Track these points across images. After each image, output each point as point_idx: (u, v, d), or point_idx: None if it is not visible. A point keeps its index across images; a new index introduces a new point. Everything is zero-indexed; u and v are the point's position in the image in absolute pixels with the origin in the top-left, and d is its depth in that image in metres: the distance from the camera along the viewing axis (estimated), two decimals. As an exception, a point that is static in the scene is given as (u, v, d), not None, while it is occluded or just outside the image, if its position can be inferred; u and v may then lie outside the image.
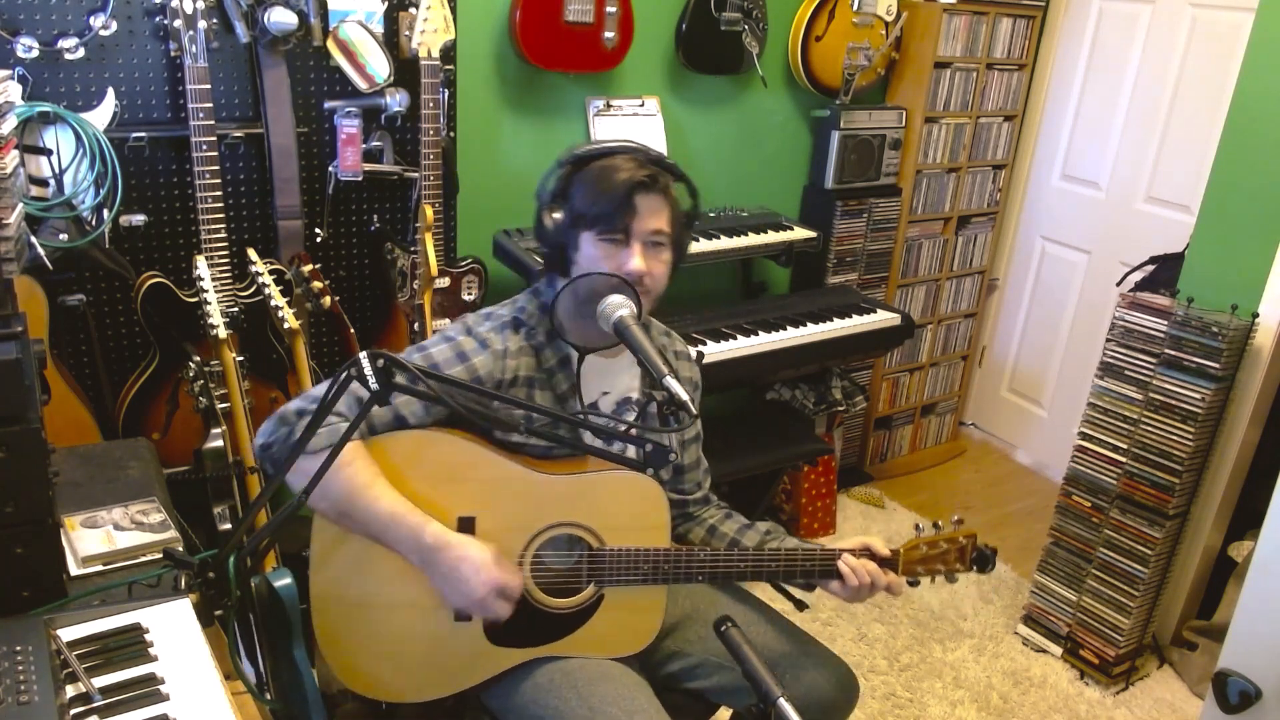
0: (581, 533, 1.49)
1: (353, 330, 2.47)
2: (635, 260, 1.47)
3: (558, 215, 1.52)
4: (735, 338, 2.76)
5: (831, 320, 2.96)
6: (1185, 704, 2.61)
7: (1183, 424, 2.42)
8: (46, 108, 2.01)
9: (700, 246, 2.81)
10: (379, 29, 2.35)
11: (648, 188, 1.47)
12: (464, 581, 1.38)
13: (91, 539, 1.51)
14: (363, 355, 1.20)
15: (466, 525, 1.45)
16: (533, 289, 1.60)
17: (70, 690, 1.11)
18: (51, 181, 2.04)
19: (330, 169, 2.43)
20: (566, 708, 1.43)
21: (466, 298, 2.57)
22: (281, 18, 2.18)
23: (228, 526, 2.14)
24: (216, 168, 2.13)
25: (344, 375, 1.21)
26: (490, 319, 1.55)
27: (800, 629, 1.68)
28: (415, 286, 2.44)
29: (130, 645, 1.21)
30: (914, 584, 1.62)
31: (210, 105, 2.08)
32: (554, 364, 1.53)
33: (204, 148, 2.10)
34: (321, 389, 1.43)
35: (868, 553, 1.56)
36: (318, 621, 1.45)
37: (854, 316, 3.01)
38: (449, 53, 2.45)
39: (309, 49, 2.32)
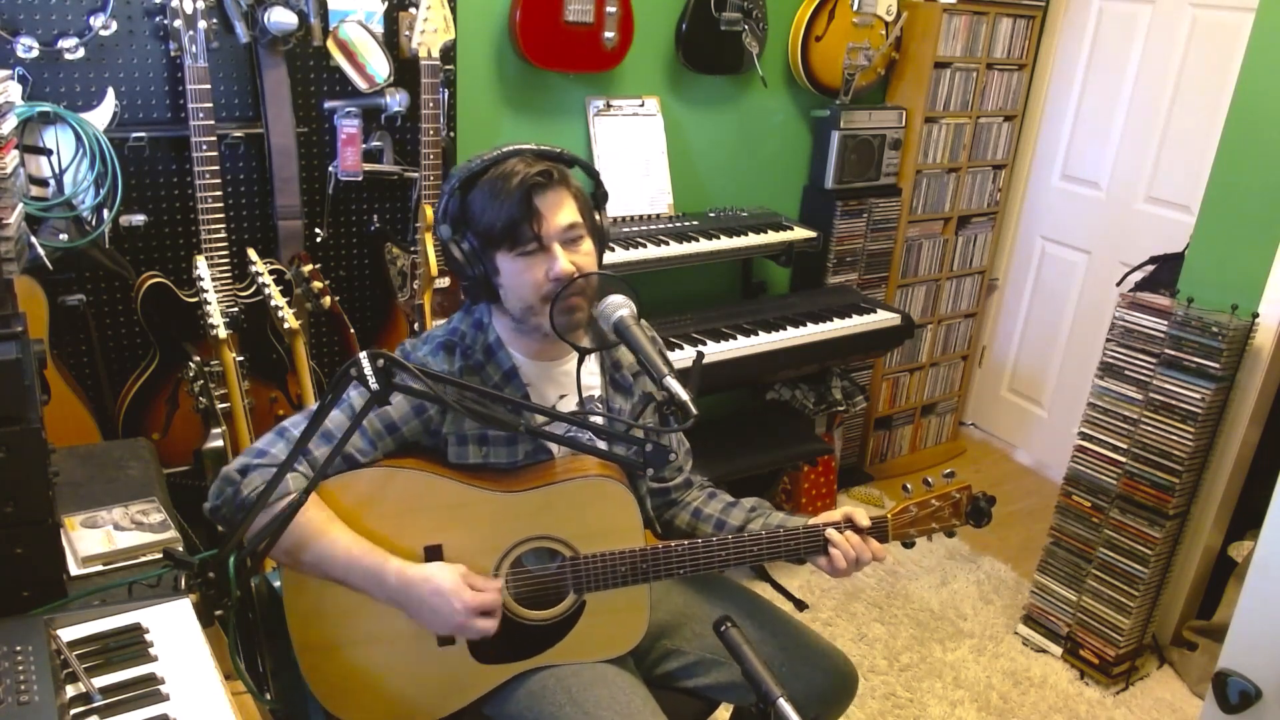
0: (554, 545, 1.47)
1: (353, 330, 2.47)
2: (560, 263, 1.41)
3: (464, 244, 1.46)
4: (735, 338, 2.76)
5: (831, 320, 2.96)
6: (1185, 704, 2.61)
7: (1183, 424, 2.42)
8: (46, 108, 2.01)
9: (700, 246, 2.81)
10: (379, 29, 2.35)
11: (544, 186, 1.42)
12: (439, 612, 1.36)
13: (91, 539, 1.51)
14: (363, 355, 1.20)
15: (433, 554, 1.43)
16: (465, 307, 1.56)
17: (70, 690, 1.11)
18: (51, 181, 2.04)
19: (330, 169, 2.43)
20: (561, 714, 1.43)
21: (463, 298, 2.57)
22: (281, 18, 2.18)
23: (228, 526, 2.13)
24: (216, 168, 2.13)
25: (343, 375, 1.21)
26: (427, 343, 1.53)
27: (795, 621, 1.68)
28: (415, 286, 2.44)
29: (130, 645, 1.21)
30: (909, 545, 1.60)
31: (210, 105, 2.08)
32: (498, 380, 1.51)
33: (204, 148, 2.10)
34: (264, 442, 1.43)
35: (850, 524, 1.53)
36: (302, 662, 1.43)
37: (854, 316, 3.01)
38: (449, 53, 2.45)
39: (309, 49, 2.32)
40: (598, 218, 1.53)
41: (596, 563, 1.47)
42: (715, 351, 2.69)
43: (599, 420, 1.56)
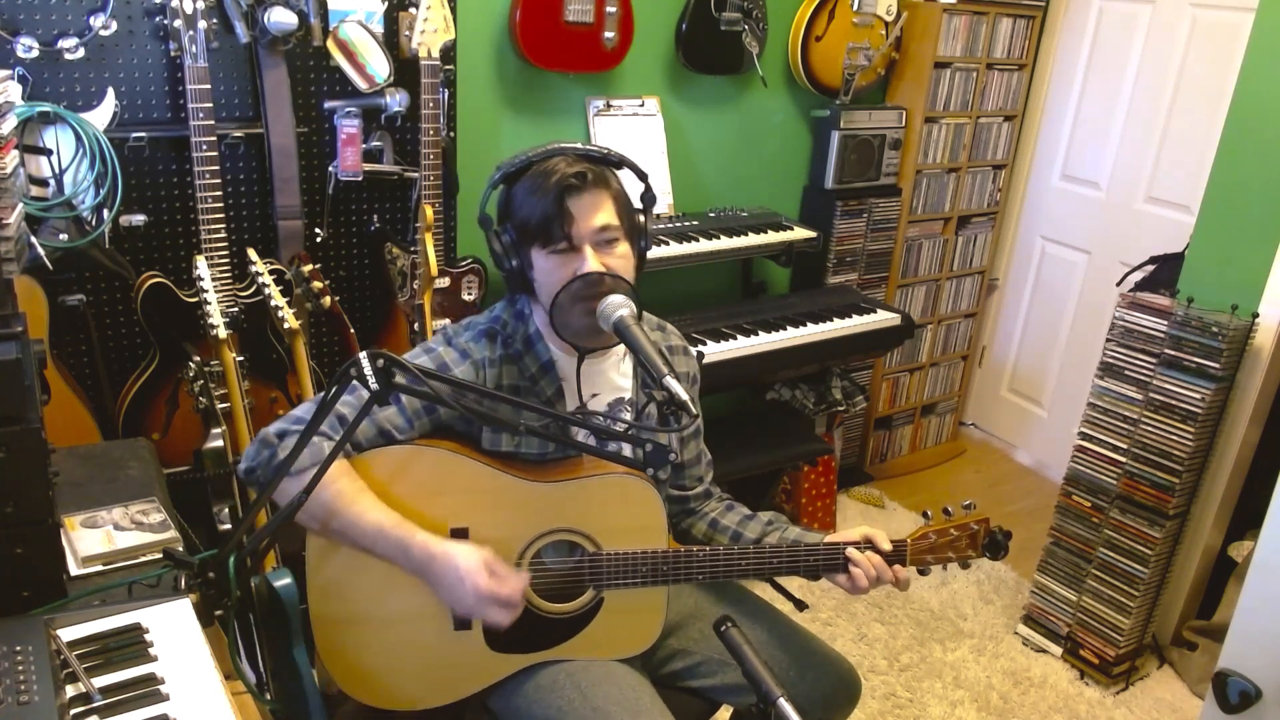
0: (577, 538, 1.48)
1: (353, 330, 2.47)
2: (589, 264, 1.43)
3: (504, 236, 1.48)
4: (735, 338, 2.76)
5: (831, 320, 2.96)
6: (1185, 704, 2.61)
7: (1183, 424, 2.42)
8: (46, 108, 2.01)
9: (700, 246, 2.81)
10: (379, 29, 2.35)
11: (578, 188, 1.42)
12: (452, 589, 1.36)
13: (91, 539, 1.51)
14: (363, 355, 1.20)
15: (460, 536, 1.44)
16: (509, 298, 1.58)
17: (70, 690, 1.11)
18: (51, 181, 2.04)
19: (330, 169, 2.43)
20: (570, 708, 1.43)
21: (466, 298, 2.57)
22: (281, 18, 2.18)
23: (228, 526, 2.13)
24: (216, 168, 2.13)
25: (344, 374, 1.21)
26: (469, 329, 1.54)
27: (801, 627, 1.68)
28: (415, 286, 2.44)
29: (130, 645, 1.20)
30: (924, 573, 1.61)
31: (210, 105, 2.08)
32: (535, 370, 1.52)
33: (204, 148, 2.10)
34: (303, 410, 1.44)
35: (870, 545, 1.54)
36: (318, 634, 1.44)
37: (854, 316, 3.01)
38: (449, 53, 2.45)
39: (309, 49, 2.32)
40: (641, 220, 1.53)
41: (617, 560, 1.47)
42: (715, 351, 2.69)
43: (600, 421, 1.56)
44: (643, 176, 1.55)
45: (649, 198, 1.55)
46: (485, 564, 1.36)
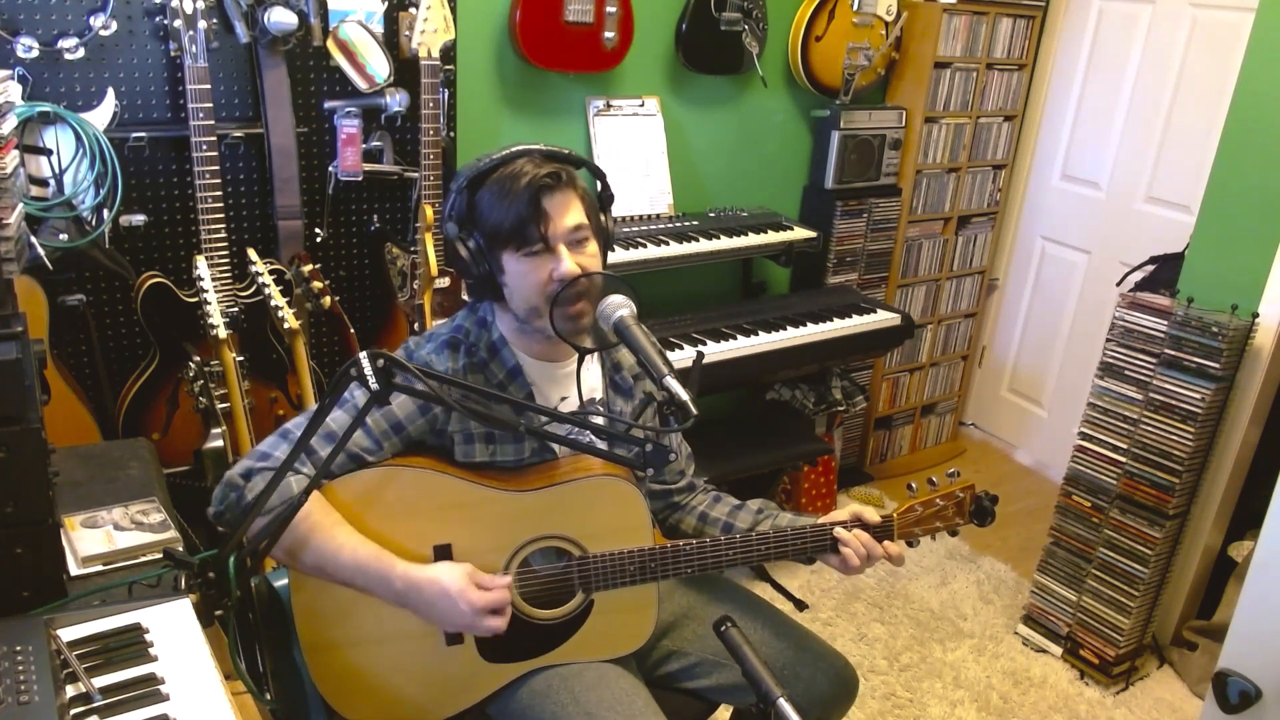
0: (562, 544, 1.48)
1: (353, 330, 2.47)
2: (565, 264, 1.42)
3: (470, 242, 1.46)
4: (735, 338, 2.76)
5: (831, 320, 2.96)
6: (1185, 704, 2.61)
7: (1183, 424, 2.41)
8: (46, 108, 2.01)
9: (700, 246, 2.81)
10: (379, 29, 2.35)
11: (551, 188, 1.42)
12: (446, 614, 1.36)
13: (91, 539, 1.51)
14: (363, 355, 1.19)
15: (442, 553, 1.43)
16: (470, 305, 1.56)
17: (70, 690, 1.12)
18: (51, 181, 2.04)
19: (330, 169, 2.44)
20: (564, 713, 1.43)
21: (466, 298, 2.57)
22: (281, 18, 2.18)
23: (228, 526, 2.14)
24: (216, 168, 2.13)
25: (343, 375, 1.21)
26: (431, 340, 1.53)
27: (797, 624, 1.68)
28: (415, 286, 2.44)
29: (130, 645, 1.21)
30: (913, 545, 1.60)
31: (210, 105, 2.08)
32: (502, 377, 1.51)
33: (204, 148, 2.10)
34: (268, 444, 1.42)
35: (859, 523, 1.54)
36: (309, 661, 1.43)
37: (854, 316, 3.01)
38: (449, 53, 2.45)
39: (309, 49, 2.32)
40: (603, 219, 1.53)
41: (604, 561, 1.47)
42: (715, 351, 2.69)
43: (600, 421, 1.56)
44: (600, 176, 1.54)
45: (607, 197, 1.55)
46: (470, 578, 1.37)
